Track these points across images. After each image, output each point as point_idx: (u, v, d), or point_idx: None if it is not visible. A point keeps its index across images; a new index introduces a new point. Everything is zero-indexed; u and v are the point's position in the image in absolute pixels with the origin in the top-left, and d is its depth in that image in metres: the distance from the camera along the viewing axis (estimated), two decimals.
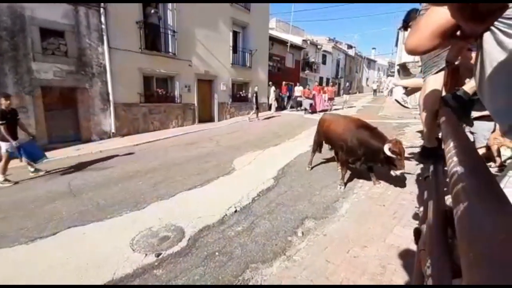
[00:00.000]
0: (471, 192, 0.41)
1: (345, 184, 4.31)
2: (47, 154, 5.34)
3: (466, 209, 0.38)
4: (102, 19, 7.66)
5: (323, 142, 5.08)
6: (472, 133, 3.36)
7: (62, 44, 7.09)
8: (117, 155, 6.52)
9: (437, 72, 1.51)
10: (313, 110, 14.22)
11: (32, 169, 4.95)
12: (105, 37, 7.76)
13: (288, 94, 16.85)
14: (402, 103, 3.17)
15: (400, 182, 4.22)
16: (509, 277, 0.25)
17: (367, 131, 4.01)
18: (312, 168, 5.22)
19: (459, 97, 1.26)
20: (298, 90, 15.05)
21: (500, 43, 0.65)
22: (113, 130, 8.35)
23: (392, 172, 3.75)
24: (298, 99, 14.97)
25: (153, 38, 9.21)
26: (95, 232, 3.10)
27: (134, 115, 8.91)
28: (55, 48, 6.97)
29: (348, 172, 4.51)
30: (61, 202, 3.86)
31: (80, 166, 5.60)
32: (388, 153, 3.49)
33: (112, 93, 8.13)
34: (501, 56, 0.67)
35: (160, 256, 2.65)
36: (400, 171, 3.66)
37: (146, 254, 2.68)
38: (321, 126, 4.97)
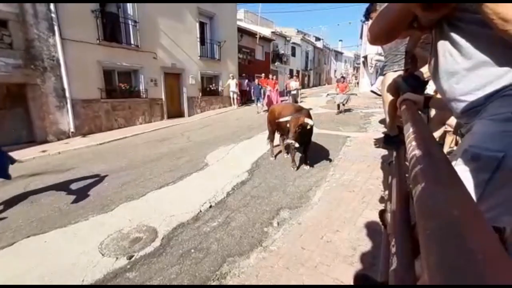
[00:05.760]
0: (427, 173, 0.43)
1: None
2: None
3: (423, 189, 0.40)
4: (51, 6, 6.92)
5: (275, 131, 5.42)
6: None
7: (6, 35, 6.30)
8: (78, 156, 6.06)
9: (396, 71, 1.62)
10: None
11: None
12: (56, 27, 7.05)
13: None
14: (378, 92, 3.34)
15: (368, 168, 4.49)
16: (462, 249, 0.27)
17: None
18: (275, 156, 5.49)
19: (409, 79, 1.35)
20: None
21: (450, 36, 0.70)
22: (72, 129, 7.71)
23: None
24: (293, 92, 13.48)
25: (112, 28, 8.57)
26: (59, 239, 2.87)
27: (95, 112, 8.30)
28: None
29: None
30: (16, 210, 3.51)
31: (37, 170, 5.11)
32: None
33: (69, 89, 7.46)
34: (450, 48, 0.72)
35: (133, 259, 2.54)
36: (288, 140, 4.24)
37: (117, 258, 2.55)
38: (272, 116, 5.21)
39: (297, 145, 4.20)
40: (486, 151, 0.64)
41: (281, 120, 4.35)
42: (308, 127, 4.20)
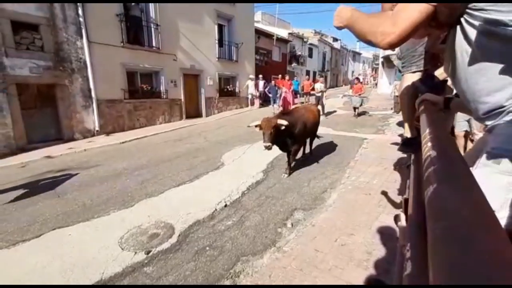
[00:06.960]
0: (440, 173, 0.43)
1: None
2: (26, 154, 5.08)
3: (435, 189, 0.40)
4: (80, 11, 7.32)
5: None
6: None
7: (37, 38, 6.73)
8: (102, 154, 6.36)
9: (414, 72, 1.58)
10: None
11: None
12: (83, 31, 7.45)
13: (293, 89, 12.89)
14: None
15: (385, 171, 4.36)
16: (468, 249, 0.27)
17: None
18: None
19: (427, 80, 1.31)
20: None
21: (467, 35, 0.68)
22: (97, 128, 8.10)
23: None
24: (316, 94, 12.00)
25: (135, 31, 8.92)
26: (82, 233, 3.03)
27: (118, 112, 8.66)
28: (30, 42, 6.61)
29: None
30: (44, 203, 3.74)
31: (63, 165, 5.42)
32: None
33: (94, 90, 7.85)
34: (468, 47, 0.70)
35: (150, 254, 2.63)
36: (264, 143, 3.93)
37: (135, 252, 2.66)
38: None
39: (267, 144, 3.91)
40: (511, 152, 0.62)
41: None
42: (282, 127, 3.96)
